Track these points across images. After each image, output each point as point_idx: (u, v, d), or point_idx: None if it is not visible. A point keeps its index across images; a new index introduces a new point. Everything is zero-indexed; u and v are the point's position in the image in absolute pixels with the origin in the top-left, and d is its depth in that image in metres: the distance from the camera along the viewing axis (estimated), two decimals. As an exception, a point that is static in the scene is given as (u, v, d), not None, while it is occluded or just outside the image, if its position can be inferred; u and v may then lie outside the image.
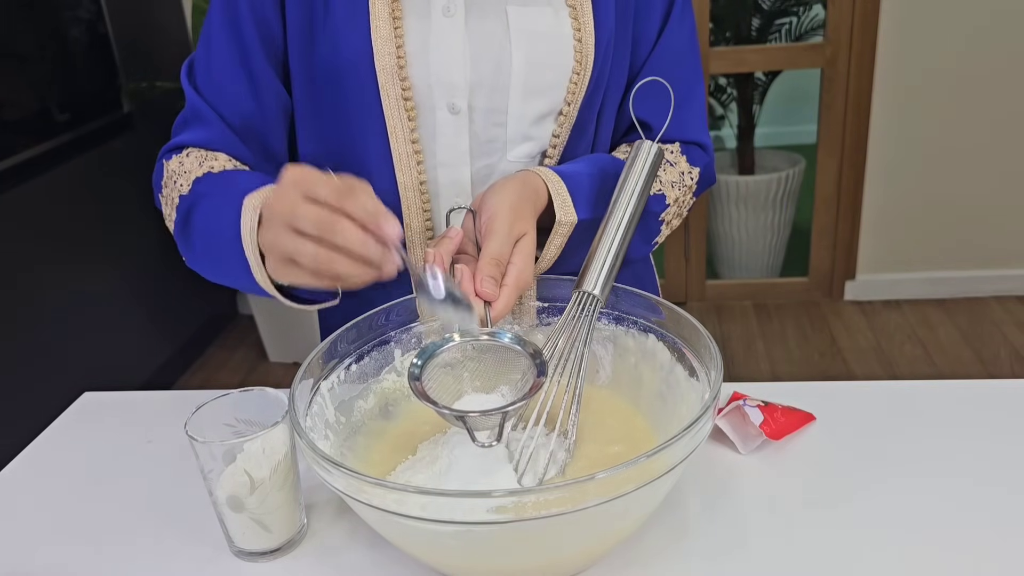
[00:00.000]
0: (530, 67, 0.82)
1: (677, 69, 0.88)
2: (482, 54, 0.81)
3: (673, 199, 0.87)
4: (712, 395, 0.62)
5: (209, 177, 0.80)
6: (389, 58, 0.79)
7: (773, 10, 3.21)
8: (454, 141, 0.83)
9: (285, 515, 0.70)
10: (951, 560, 0.66)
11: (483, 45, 0.81)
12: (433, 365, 0.67)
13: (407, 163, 0.83)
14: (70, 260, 2.32)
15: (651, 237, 0.88)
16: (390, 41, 0.79)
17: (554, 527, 0.55)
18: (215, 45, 0.84)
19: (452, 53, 0.81)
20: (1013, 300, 2.92)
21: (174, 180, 0.82)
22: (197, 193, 0.79)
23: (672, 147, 0.90)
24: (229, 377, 2.81)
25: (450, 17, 0.81)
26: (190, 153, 0.84)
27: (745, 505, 0.73)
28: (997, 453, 0.78)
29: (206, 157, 0.83)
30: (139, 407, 0.97)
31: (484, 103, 0.83)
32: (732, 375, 1.94)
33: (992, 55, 2.67)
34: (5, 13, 2.12)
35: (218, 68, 0.84)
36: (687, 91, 0.90)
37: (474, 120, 0.83)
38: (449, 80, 0.81)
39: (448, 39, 0.81)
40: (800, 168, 3.16)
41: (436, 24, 0.81)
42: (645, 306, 0.76)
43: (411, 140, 0.83)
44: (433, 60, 0.81)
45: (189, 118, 0.86)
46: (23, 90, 2.22)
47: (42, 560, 0.73)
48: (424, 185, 0.84)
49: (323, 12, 0.80)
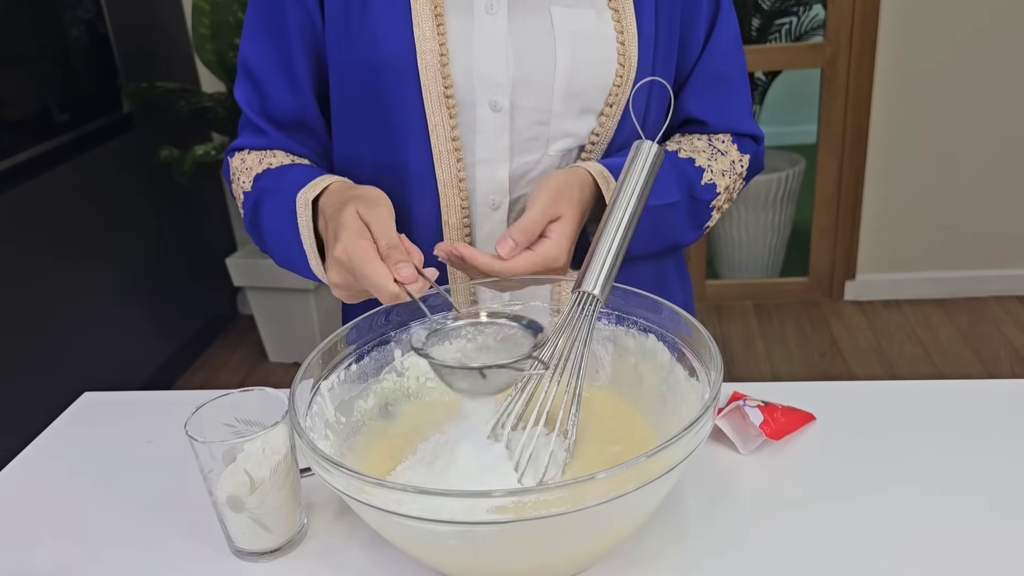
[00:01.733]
0: (574, 67, 0.82)
1: (727, 64, 0.91)
2: (525, 53, 0.82)
3: (724, 187, 0.89)
4: (712, 395, 0.62)
5: (268, 174, 0.86)
6: (432, 55, 0.80)
7: (773, 10, 3.21)
8: (494, 138, 0.84)
9: (285, 515, 0.70)
10: (951, 560, 0.66)
11: (526, 44, 0.82)
12: (437, 339, 0.69)
13: (447, 160, 0.84)
14: (70, 260, 2.32)
15: (702, 222, 0.90)
16: (433, 38, 0.80)
17: (554, 527, 0.55)
18: (255, 47, 0.87)
19: (495, 51, 0.81)
20: (1013, 300, 2.92)
21: (237, 177, 0.89)
22: (260, 189, 0.86)
23: (724, 137, 0.92)
24: (229, 377, 2.81)
25: (493, 15, 0.81)
26: (251, 150, 0.90)
27: (745, 505, 0.73)
28: (997, 453, 0.78)
29: (264, 155, 0.89)
30: (139, 407, 0.97)
31: (527, 101, 0.83)
32: (732, 375, 1.94)
33: (992, 55, 2.67)
34: (5, 13, 2.12)
35: (259, 71, 0.87)
36: (737, 86, 0.93)
37: (515, 118, 0.84)
38: (491, 78, 0.81)
39: (490, 37, 0.81)
40: (800, 168, 3.16)
41: (478, 22, 0.81)
42: (645, 306, 0.76)
43: (451, 137, 0.83)
44: (475, 57, 0.81)
45: (244, 123, 0.92)
46: (23, 90, 2.22)
47: (42, 560, 0.73)
48: (463, 183, 0.85)
49: (360, 7, 0.80)
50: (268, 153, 0.89)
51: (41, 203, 2.23)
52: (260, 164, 0.87)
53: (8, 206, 2.10)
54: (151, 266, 2.70)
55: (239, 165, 0.89)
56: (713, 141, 0.91)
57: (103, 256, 2.48)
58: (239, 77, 0.89)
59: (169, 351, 2.78)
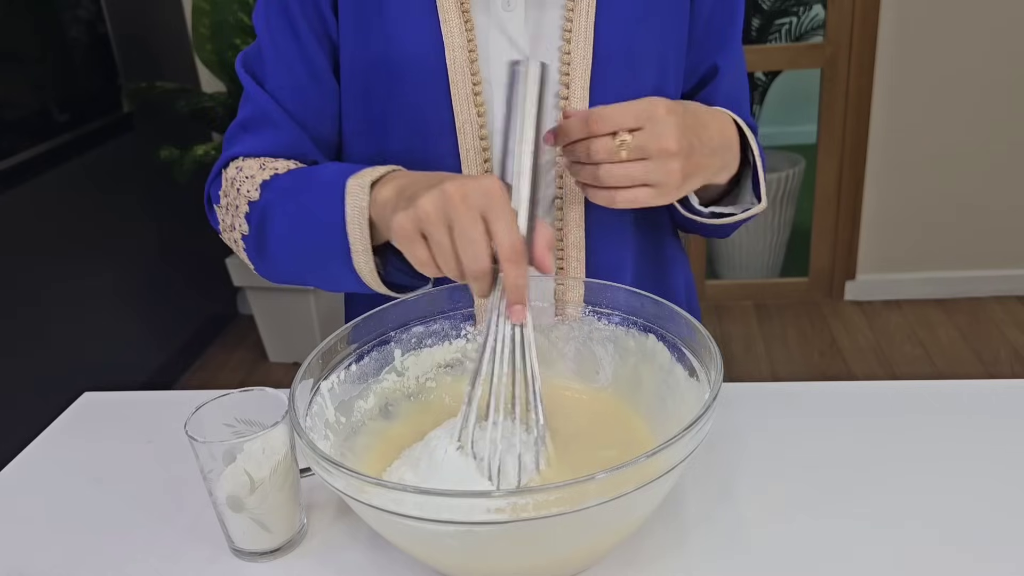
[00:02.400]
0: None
1: (740, 72, 0.91)
2: (539, 49, 0.81)
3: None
4: (712, 395, 0.62)
5: (279, 179, 0.78)
6: (460, 51, 0.78)
7: (773, 10, 3.21)
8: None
9: (285, 515, 0.70)
10: (951, 559, 0.65)
11: (543, 38, 0.81)
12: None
13: (474, 160, 0.82)
14: (70, 260, 2.32)
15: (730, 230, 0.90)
16: (461, 34, 0.78)
17: (554, 527, 0.55)
18: (270, 35, 0.82)
19: (513, 47, 0.80)
20: (1013, 300, 2.92)
21: (236, 187, 0.80)
22: (271, 194, 0.78)
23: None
24: (229, 377, 2.81)
25: (510, 11, 0.80)
26: (245, 159, 0.82)
27: (745, 505, 0.73)
28: (997, 453, 0.78)
29: (265, 162, 0.81)
30: (139, 407, 0.97)
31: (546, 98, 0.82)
32: (732, 375, 1.93)
33: (992, 55, 2.67)
34: (5, 13, 2.12)
35: (273, 59, 0.82)
36: (747, 96, 0.93)
37: None
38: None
39: (508, 33, 0.80)
40: (800, 168, 3.16)
41: (496, 18, 0.80)
42: (645, 306, 0.76)
43: (480, 136, 0.81)
44: (493, 55, 0.80)
45: (252, 121, 0.83)
46: (23, 90, 2.22)
47: (42, 560, 0.73)
48: None
49: (376, 2, 0.79)
50: (268, 160, 0.82)
51: (41, 203, 2.23)
52: (263, 170, 0.80)
53: (8, 206, 2.10)
54: (151, 266, 2.70)
55: (235, 175, 0.81)
56: None
57: (103, 256, 2.48)
58: (253, 64, 0.84)
59: (169, 351, 2.78)
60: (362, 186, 0.70)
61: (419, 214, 0.61)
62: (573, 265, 0.86)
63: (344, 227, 0.71)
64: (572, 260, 0.86)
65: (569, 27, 0.80)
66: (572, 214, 0.85)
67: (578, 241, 0.85)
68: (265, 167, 0.80)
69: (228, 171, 0.83)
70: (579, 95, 0.81)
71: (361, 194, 0.70)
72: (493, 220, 0.60)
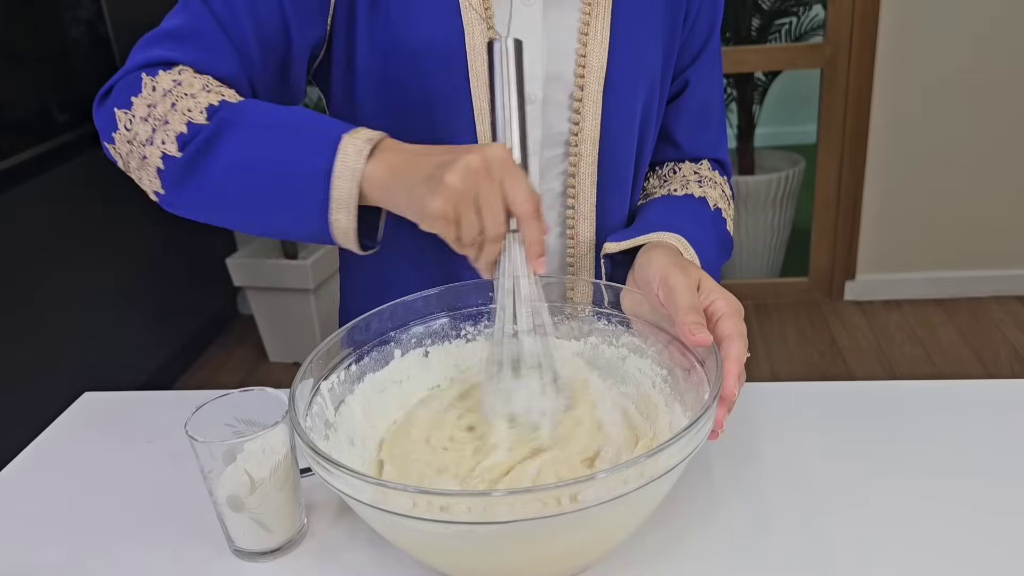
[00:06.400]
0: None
1: (713, 87, 0.93)
2: (558, 46, 0.81)
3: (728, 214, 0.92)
4: (712, 395, 0.62)
5: (232, 108, 0.71)
6: (481, 37, 0.78)
7: (773, 10, 3.21)
8: (528, 130, 0.81)
9: (285, 515, 0.70)
10: (951, 559, 0.66)
11: (559, 37, 0.81)
12: None
13: None
14: (70, 260, 2.32)
15: (730, 248, 0.93)
16: (482, 22, 0.78)
17: (554, 527, 0.55)
18: None
19: (530, 42, 0.80)
20: (1013, 300, 2.92)
21: (170, 102, 0.71)
22: (223, 124, 0.70)
23: (704, 164, 0.94)
24: (229, 377, 2.81)
25: (529, 7, 0.80)
26: (183, 71, 0.72)
27: (745, 505, 0.73)
28: (997, 453, 0.78)
29: (209, 82, 0.73)
30: (139, 407, 0.97)
31: (558, 95, 0.83)
32: (732, 375, 1.91)
33: (992, 55, 2.67)
34: (5, 13, 2.12)
35: None
36: (718, 110, 0.96)
37: (547, 111, 0.83)
38: (529, 68, 0.79)
39: (527, 28, 0.80)
40: (800, 168, 3.16)
41: (515, 12, 0.80)
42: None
43: None
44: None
45: (184, 33, 0.74)
46: (23, 90, 2.22)
47: (42, 560, 0.73)
48: None
49: None
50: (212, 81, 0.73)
51: (41, 203, 2.23)
52: (208, 93, 0.71)
53: (8, 206, 2.10)
54: (151, 266, 2.70)
55: (170, 87, 0.71)
56: (700, 171, 0.93)
57: (103, 256, 2.48)
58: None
59: (169, 351, 2.78)
60: (358, 149, 0.67)
61: (453, 196, 0.62)
62: (583, 263, 0.89)
63: (328, 179, 0.67)
64: (582, 258, 0.89)
65: (586, 30, 0.81)
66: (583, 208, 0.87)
67: (589, 238, 0.88)
68: (211, 89, 0.72)
69: (160, 79, 0.72)
70: (592, 98, 0.82)
71: (357, 157, 0.66)
72: (510, 185, 0.64)
